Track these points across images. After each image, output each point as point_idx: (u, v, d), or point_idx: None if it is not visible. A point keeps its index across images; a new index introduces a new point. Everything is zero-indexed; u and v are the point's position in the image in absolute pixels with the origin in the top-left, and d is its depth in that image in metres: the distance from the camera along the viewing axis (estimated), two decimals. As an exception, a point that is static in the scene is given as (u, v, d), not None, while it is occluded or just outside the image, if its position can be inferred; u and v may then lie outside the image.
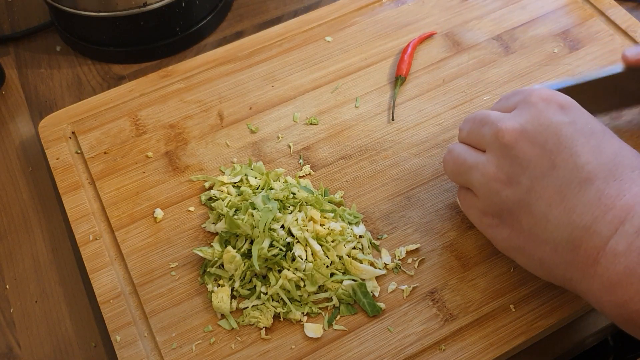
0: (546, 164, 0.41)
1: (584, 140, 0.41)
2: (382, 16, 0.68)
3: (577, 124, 0.42)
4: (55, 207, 0.59)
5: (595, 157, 0.40)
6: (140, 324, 0.49)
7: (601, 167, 0.40)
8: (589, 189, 0.40)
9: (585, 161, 0.40)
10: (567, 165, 0.41)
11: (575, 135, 0.41)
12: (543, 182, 0.41)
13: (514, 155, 0.42)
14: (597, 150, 0.41)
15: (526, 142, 0.42)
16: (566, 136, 0.41)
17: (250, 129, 0.60)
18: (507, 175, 0.43)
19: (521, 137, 0.42)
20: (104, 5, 0.64)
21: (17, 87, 0.69)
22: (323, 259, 0.49)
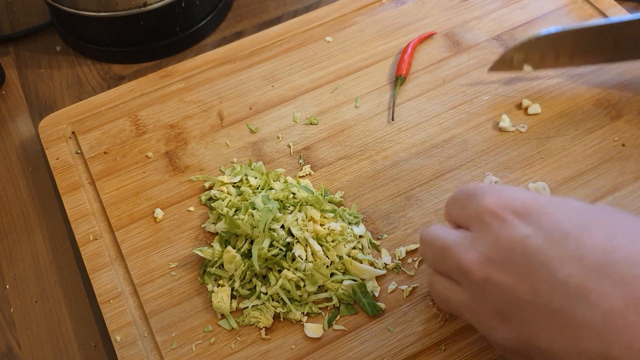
0: (526, 291, 0.34)
1: (557, 249, 0.34)
2: (382, 16, 0.68)
3: (543, 231, 0.35)
4: (55, 207, 0.59)
5: (577, 265, 0.33)
6: (140, 324, 0.49)
7: (589, 274, 0.33)
8: (587, 307, 0.32)
9: (567, 274, 0.33)
10: (549, 285, 0.34)
11: (545, 246, 0.34)
12: (532, 312, 0.35)
13: (491, 291, 0.36)
14: (578, 255, 0.33)
15: (497, 273, 0.36)
16: (535, 251, 0.34)
17: (250, 129, 0.60)
18: (495, 312, 0.37)
19: (489, 270, 0.36)
20: (104, 5, 0.64)
21: (17, 87, 0.69)
22: (323, 259, 0.49)
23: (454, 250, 0.38)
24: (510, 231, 0.36)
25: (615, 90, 0.59)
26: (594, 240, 0.34)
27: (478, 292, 0.37)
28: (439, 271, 0.41)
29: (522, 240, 0.35)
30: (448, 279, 0.40)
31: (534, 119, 0.58)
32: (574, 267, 0.33)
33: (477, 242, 0.37)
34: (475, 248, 0.37)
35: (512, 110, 0.59)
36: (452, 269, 0.39)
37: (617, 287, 0.32)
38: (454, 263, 0.38)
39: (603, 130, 0.57)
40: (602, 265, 0.33)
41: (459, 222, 0.41)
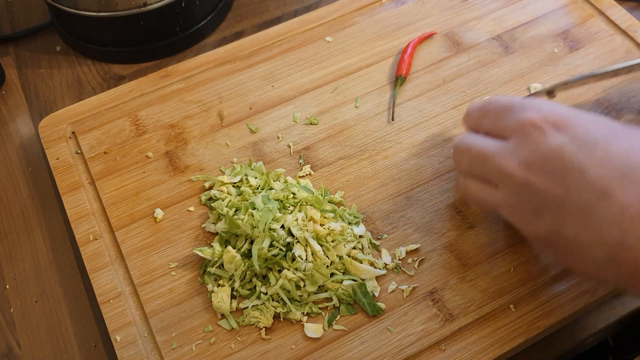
0: (560, 191, 0.40)
1: (588, 154, 0.39)
2: (382, 16, 0.68)
3: (577, 139, 0.40)
4: (55, 207, 0.59)
5: (604, 167, 0.38)
6: (140, 324, 0.49)
7: (614, 175, 0.38)
8: (609, 203, 0.38)
9: (595, 176, 0.38)
10: (580, 185, 0.39)
11: (578, 153, 0.39)
12: (563, 209, 0.40)
13: (528, 191, 0.41)
14: (605, 159, 0.39)
15: (535, 177, 0.41)
16: (570, 157, 0.39)
17: (250, 129, 0.60)
18: (530, 209, 0.42)
19: (528, 174, 0.41)
20: (104, 5, 0.64)
21: (17, 87, 0.69)
22: (323, 259, 0.49)
23: (494, 157, 0.43)
24: (550, 140, 0.40)
25: (615, 90, 0.59)
26: (619, 147, 0.39)
27: (516, 193, 0.42)
28: (474, 175, 0.46)
29: (559, 148, 0.40)
30: (484, 182, 0.45)
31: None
32: (601, 170, 0.38)
33: (518, 150, 0.42)
34: (516, 155, 0.42)
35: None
36: (492, 173, 0.43)
37: (634, 186, 0.37)
38: (494, 168, 0.43)
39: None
40: (625, 167, 0.38)
41: (492, 132, 0.45)
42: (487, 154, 0.44)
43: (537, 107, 0.42)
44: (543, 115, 0.42)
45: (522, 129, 0.42)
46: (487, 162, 0.43)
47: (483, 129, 0.46)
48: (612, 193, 0.38)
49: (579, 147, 0.40)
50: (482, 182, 0.45)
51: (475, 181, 0.46)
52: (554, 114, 0.42)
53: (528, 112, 0.42)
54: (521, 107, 0.43)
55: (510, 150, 0.42)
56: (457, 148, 0.47)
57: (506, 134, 0.43)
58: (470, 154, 0.45)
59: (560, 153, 0.40)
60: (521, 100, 0.44)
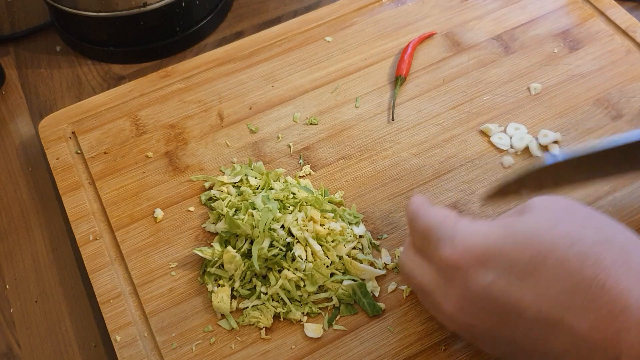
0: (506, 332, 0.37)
1: (520, 289, 0.35)
2: (382, 16, 0.68)
3: (503, 274, 0.36)
4: (55, 207, 0.59)
5: (541, 298, 0.35)
6: (140, 324, 0.49)
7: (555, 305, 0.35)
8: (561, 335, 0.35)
9: (536, 310, 0.35)
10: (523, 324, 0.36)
11: (508, 289, 0.36)
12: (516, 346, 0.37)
13: (477, 331, 0.39)
14: (539, 290, 0.35)
15: (475, 319, 0.38)
16: (501, 295, 0.36)
17: (250, 129, 0.60)
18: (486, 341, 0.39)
19: (468, 318, 0.38)
20: (104, 5, 0.64)
21: (17, 87, 0.69)
22: (323, 259, 0.49)
23: (433, 294, 0.40)
24: (474, 282, 0.37)
25: (615, 90, 0.59)
26: (549, 271, 0.35)
27: (466, 330, 0.40)
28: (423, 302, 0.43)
29: (487, 288, 0.36)
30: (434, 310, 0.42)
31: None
32: (539, 302, 0.35)
33: (449, 290, 0.39)
34: (449, 298, 0.39)
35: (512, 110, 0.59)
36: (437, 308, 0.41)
37: (580, 312, 0.34)
38: (437, 306, 0.40)
39: (603, 130, 0.57)
40: (562, 293, 0.34)
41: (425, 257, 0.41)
42: (425, 289, 0.41)
43: (451, 242, 0.38)
44: (458, 253, 0.38)
45: (444, 270, 0.39)
46: (428, 296, 0.41)
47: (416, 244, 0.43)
48: (558, 326, 0.35)
49: (507, 282, 0.36)
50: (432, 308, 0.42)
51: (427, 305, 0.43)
52: (470, 248, 0.38)
53: (444, 250, 0.38)
54: (436, 239, 0.39)
55: (443, 289, 0.39)
56: (401, 269, 0.44)
57: (434, 268, 0.40)
58: (412, 282, 0.42)
59: (489, 294, 0.36)
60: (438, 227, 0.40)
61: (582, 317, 0.34)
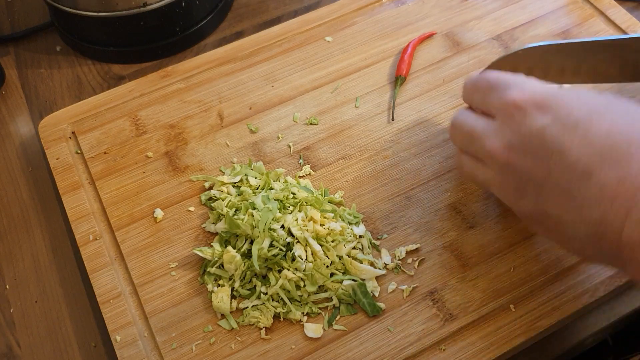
0: (542, 172, 0.40)
1: (569, 136, 0.39)
2: (382, 16, 0.68)
3: (558, 120, 0.40)
4: (55, 207, 0.59)
5: (585, 148, 0.39)
6: (140, 324, 0.49)
7: (594, 156, 0.38)
8: (590, 184, 0.38)
9: (576, 157, 0.39)
10: (561, 167, 0.39)
11: (560, 134, 0.40)
12: (546, 190, 0.41)
13: (511, 172, 0.42)
14: (586, 141, 0.39)
15: (517, 158, 0.41)
16: (551, 139, 0.40)
17: (250, 129, 0.60)
18: (515, 188, 0.43)
19: (511, 155, 0.42)
20: (104, 5, 0.64)
21: (17, 87, 0.69)
22: (323, 259, 0.49)
23: (480, 137, 0.44)
24: (531, 122, 0.41)
25: (615, 91, 0.59)
26: (599, 127, 0.39)
27: (501, 173, 0.43)
28: (466, 152, 0.47)
29: (541, 129, 0.40)
30: (475, 158, 0.46)
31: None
32: (582, 151, 0.39)
33: (501, 131, 0.42)
34: (499, 136, 0.42)
35: (512, 110, 0.59)
36: (479, 152, 0.44)
37: (613, 167, 0.38)
38: (480, 148, 0.44)
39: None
40: (604, 148, 0.38)
41: (482, 109, 0.45)
42: (474, 134, 0.45)
43: (521, 86, 0.43)
44: (526, 96, 0.42)
45: (505, 110, 0.42)
46: (474, 141, 0.45)
47: (474, 104, 0.47)
48: (591, 174, 0.38)
49: (560, 128, 0.40)
50: (474, 159, 0.46)
51: (468, 158, 0.47)
52: (536, 94, 0.42)
53: (511, 92, 0.43)
54: (505, 85, 0.43)
55: (494, 130, 0.43)
56: (453, 124, 0.48)
57: (492, 113, 0.44)
58: (462, 131, 0.46)
59: (542, 135, 0.40)
60: (507, 77, 0.44)
61: (613, 170, 0.37)
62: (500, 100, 0.43)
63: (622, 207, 0.37)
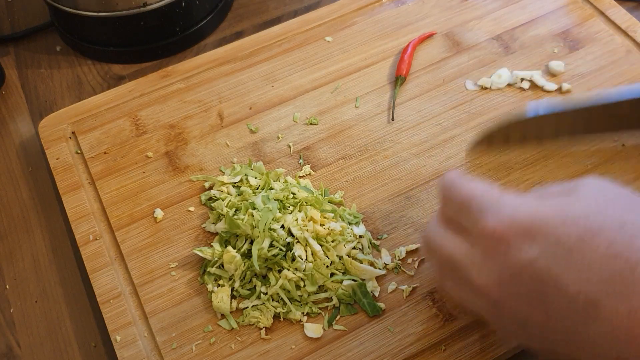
0: (541, 316, 0.35)
1: (564, 267, 0.34)
2: (382, 16, 0.68)
3: (547, 250, 0.35)
4: (55, 207, 0.59)
5: (583, 279, 0.33)
6: (140, 324, 0.49)
7: (597, 286, 0.33)
8: (598, 319, 0.33)
9: (576, 291, 0.34)
10: (562, 303, 0.34)
11: (552, 266, 0.34)
12: (549, 329, 0.36)
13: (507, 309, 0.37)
14: (583, 270, 0.34)
15: (511, 297, 0.36)
16: (543, 272, 0.34)
17: (250, 129, 0.60)
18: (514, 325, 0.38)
19: (503, 293, 0.36)
20: (104, 5, 0.64)
21: (17, 87, 0.69)
22: (323, 259, 0.49)
23: (464, 268, 0.38)
24: (518, 254, 0.35)
25: (615, 90, 0.59)
26: (596, 251, 0.34)
27: (495, 307, 0.37)
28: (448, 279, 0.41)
29: (530, 263, 0.35)
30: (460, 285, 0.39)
31: (534, 119, 0.58)
32: (581, 283, 0.33)
33: (486, 264, 0.37)
34: (485, 271, 0.37)
35: (512, 110, 0.59)
36: (465, 283, 0.38)
37: (619, 298, 0.32)
38: (466, 280, 0.38)
39: (603, 130, 0.57)
40: (605, 276, 0.33)
41: (458, 230, 0.40)
42: (456, 263, 0.39)
43: (496, 212, 0.37)
44: (505, 224, 0.36)
45: (485, 241, 0.37)
46: (458, 270, 0.39)
47: (447, 215, 0.41)
48: (597, 308, 0.33)
49: (551, 259, 0.34)
50: (459, 286, 0.40)
51: (452, 283, 0.40)
52: (516, 221, 0.36)
53: (488, 220, 0.37)
54: (479, 209, 0.37)
55: (479, 264, 0.37)
56: (427, 242, 0.42)
57: (470, 240, 0.38)
58: (440, 255, 0.40)
59: (532, 269, 0.35)
60: (481, 198, 0.38)
61: (622, 302, 0.32)
62: (477, 228, 0.37)
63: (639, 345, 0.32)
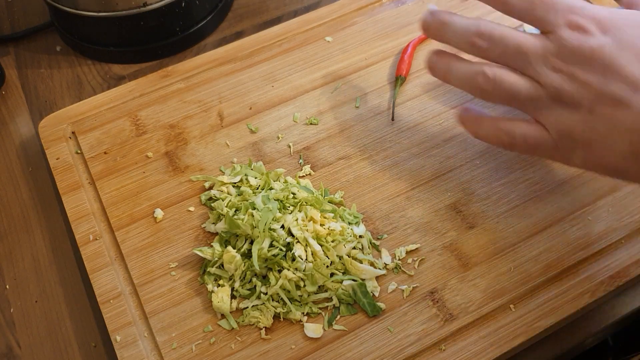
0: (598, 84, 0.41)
1: (627, 54, 0.41)
2: (382, 16, 0.68)
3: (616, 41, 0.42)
4: (55, 207, 0.59)
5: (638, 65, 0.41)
6: (140, 324, 0.49)
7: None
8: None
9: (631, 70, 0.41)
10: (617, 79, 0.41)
11: (618, 53, 0.41)
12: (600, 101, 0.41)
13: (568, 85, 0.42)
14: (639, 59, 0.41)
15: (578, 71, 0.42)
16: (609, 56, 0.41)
17: (250, 129, 0.60)
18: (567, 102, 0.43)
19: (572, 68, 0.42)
20: (104, 5, 0.64)
21: (17, 87, 0.70)
22: (323, 259, 0.49)
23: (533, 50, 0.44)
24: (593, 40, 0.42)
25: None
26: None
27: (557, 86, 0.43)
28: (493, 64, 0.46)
29: (601, 47, 0.41)
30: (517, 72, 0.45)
31: (534, 119, 0.58)
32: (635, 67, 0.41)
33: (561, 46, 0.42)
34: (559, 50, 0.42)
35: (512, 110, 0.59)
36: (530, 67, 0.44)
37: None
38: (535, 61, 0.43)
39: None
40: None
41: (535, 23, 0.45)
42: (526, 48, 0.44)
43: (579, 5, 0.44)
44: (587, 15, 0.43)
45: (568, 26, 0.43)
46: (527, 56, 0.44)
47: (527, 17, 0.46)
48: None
49: (619, 48, 0.41)
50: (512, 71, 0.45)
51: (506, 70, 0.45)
52: (597, 14, 0.43)
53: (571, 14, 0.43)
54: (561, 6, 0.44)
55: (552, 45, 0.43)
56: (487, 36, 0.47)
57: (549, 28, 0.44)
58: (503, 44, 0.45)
59: (601, 52, 0.41)
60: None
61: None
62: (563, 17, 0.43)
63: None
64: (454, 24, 0.47)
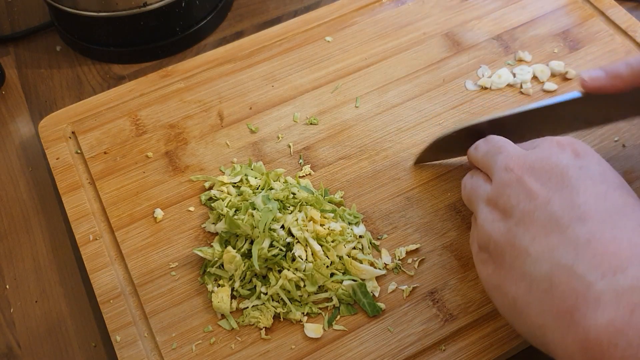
0: (542, 199, 0.40)
1: (590, 184, 0.39)
2: (382, 16, 0.68)
3: (588, 169, 0.40)
4: (55, 207, 0.59)
5: (596, 201, 0.38)
6: (140, 324, 0.49)
7: (600, 211, 0.38)
8: (580, 228, 0.37)
9: (583, 201, 0.38)
10: (563, 202, 0.39)
11: (582, 178, 0.40)
12: (533, 215, 0.39)
13: (515, 187, 0.41)
14: (602, 196, 0.39)
15: (530, 177, 0.41)
16: (571, 177, 0.40)
17: (250, 129, 0.60)
18: (504, 206, 0.42)
19: (526, 172, 0.41)
20: (104, 5, 0.64)
21: (17, 87, 0.70)
22: (323, 259, 0.49)
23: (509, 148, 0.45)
24: (563, 157, 0.42)
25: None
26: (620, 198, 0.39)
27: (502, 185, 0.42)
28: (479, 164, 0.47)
29: (567, 166, 0.41)
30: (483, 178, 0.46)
31: (534, 119, 0.58)
32: (592, 200, 0.38)
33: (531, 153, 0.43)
34: (527, 155, 0.43)
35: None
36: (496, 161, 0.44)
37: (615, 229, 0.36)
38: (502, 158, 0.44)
39: (603, 130, 0.57)
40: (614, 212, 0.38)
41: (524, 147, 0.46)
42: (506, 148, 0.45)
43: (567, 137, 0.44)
44: (570, 141, 0.43)
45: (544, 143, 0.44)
46: (501, 152, 0.45)
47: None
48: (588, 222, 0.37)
49: (585, 175, 0.40)
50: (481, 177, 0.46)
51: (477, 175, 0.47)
52: (579, 144, 0.43)
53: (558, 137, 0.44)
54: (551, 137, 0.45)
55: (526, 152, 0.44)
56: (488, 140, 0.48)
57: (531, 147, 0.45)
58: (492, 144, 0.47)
59: (565, 170, 0.40)
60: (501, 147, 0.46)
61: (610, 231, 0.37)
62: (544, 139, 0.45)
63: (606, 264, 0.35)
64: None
